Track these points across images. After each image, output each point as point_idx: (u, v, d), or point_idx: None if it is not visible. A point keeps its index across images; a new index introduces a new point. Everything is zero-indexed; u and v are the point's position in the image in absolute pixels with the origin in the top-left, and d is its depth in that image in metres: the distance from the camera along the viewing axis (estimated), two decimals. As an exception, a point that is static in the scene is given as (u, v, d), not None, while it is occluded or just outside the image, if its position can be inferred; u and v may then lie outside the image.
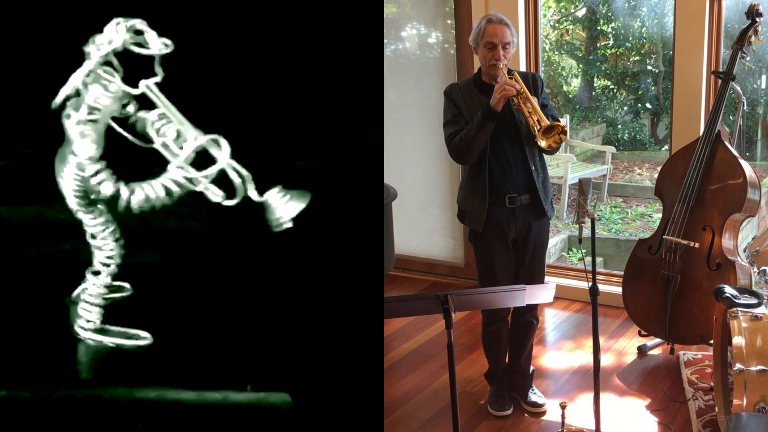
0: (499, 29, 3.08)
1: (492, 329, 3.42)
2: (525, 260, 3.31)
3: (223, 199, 2.15)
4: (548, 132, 2.96)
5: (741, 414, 2.67)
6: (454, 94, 3.22)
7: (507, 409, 3.46)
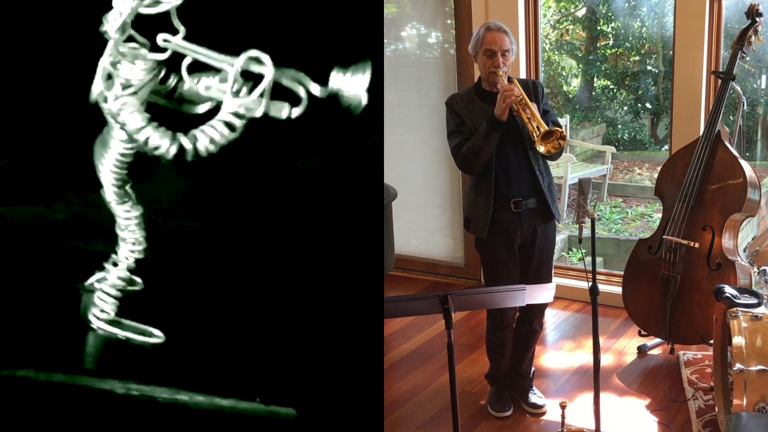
0: (498, 37, 3.09)
1: (498, 337, 3.42)
2: (531, 266, 3.30)
3: (290, 110, 2.04)
4: (547, 137, 2.96)
5: (741, 414, 2.67)
6: (456, 104, 3.22)
7: (507, 410, 3.46)
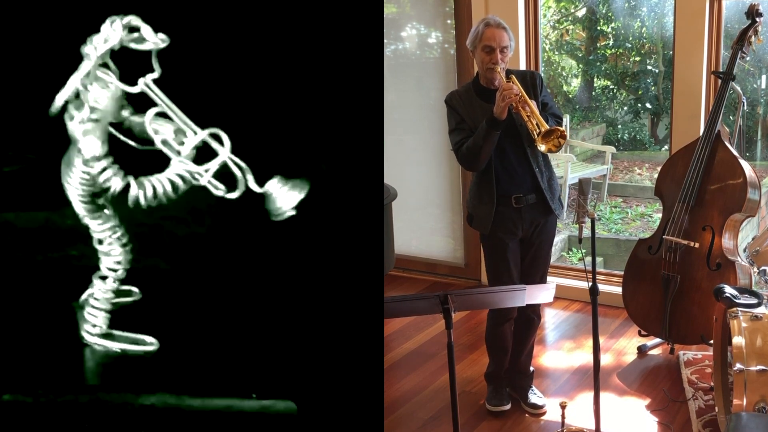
0: (497, 33, 3.08)
1: (499, 331, 3.42)
2: (528, 254, 3.33)
3: (225, 193, 2.14)
4: (548, 136, 2.94)
5: (741, 414, 2.67)
6: (455, 101, 3.23)
7: (505, 404, 3.47)
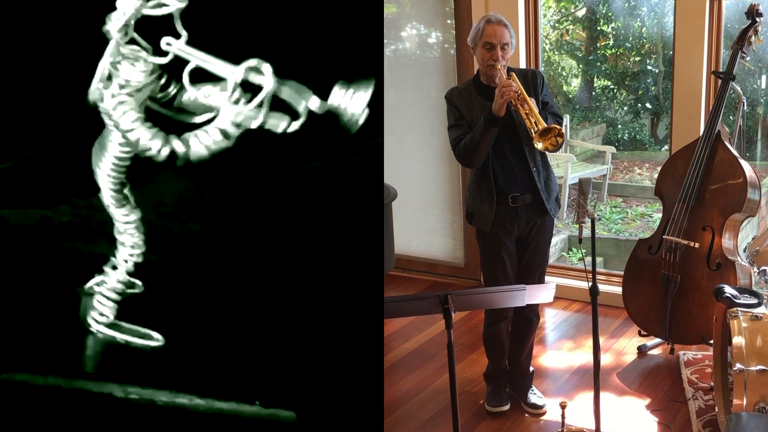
0: (498, 30, 3.08)
1: (495, 329, 3.42)
2: (525, 255, 3.33)
3: (288, 124, 2.03)
4: (545, 134, 2.93)
5: (741, 414, 2.67)
6: (455, 98, 3.22)
7: (504, 405, 3.46)
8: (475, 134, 3.08)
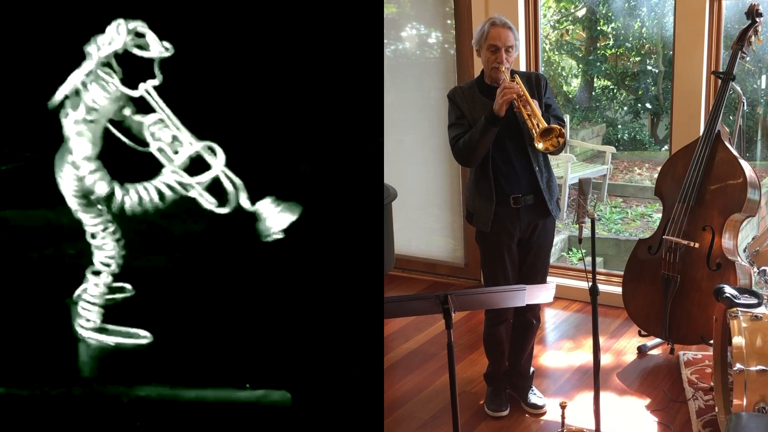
0: (503, 32, 3.08)
1: (495, 331, 3.42)
2: (527, 258, 3.32)
3: (215, 207, 2.14)
4: (546, 135, 2.94)
5: (741, 414, 2.67)
6: (457, 97, 3.23)
7: (503, 410, 3.46)
8: (474, 133, 3.08)
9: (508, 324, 3.43)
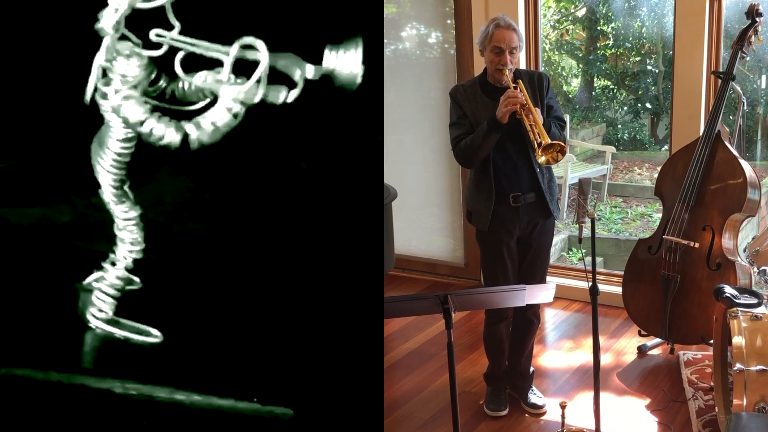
0: (507, 34, 3.08)
1: (495, 329, 3.42)
2: (527, 257, 3.32)
3: (287, 93, 2.05)
4: (548, 149, 2.95)
5: (741, 414, 2.67)
6: (459, 96, 3.22)
7: (503, 409, 3.46)
8: (476, 137, 3.08)
9: (508, 322, 3.43)
